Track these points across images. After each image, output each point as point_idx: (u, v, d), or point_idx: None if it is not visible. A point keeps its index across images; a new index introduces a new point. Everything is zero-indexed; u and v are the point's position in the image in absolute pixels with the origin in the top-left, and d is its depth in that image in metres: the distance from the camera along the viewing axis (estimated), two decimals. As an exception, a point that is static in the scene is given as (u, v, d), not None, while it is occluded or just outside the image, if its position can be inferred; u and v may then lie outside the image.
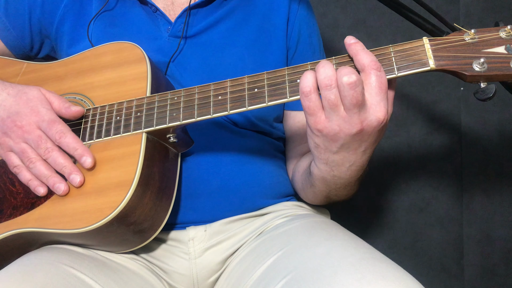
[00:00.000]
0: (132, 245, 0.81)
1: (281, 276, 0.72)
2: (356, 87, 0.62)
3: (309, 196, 0.91)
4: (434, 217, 1.51)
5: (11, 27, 0.99)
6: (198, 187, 0.87)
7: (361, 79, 0.64)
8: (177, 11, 0.95)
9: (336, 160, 0.72)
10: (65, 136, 0.77)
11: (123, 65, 0.84)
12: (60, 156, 0.77)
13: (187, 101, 0.77)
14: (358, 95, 0.63)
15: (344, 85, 0.63)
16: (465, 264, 1.52)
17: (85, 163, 0.76)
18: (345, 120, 0.65)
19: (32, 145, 0.78)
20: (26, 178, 0.78)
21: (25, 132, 0.78)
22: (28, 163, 0.77)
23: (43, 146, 0.77)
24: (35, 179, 0.77)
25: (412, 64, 0.68)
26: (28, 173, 0.78)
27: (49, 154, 0.77)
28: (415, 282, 0.64)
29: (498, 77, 0.66)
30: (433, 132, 1.49)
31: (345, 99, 0.64)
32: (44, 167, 0.77)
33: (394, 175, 1.50)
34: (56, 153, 0.77)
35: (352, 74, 0.63)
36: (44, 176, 0.77)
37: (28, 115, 0.79)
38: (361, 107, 0.64)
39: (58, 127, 0.78)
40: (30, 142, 0.78)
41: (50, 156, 0.77)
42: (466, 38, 0.68)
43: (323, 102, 0.65)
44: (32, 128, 0.78)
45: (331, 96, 0.64)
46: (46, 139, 0.78)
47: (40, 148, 0.77)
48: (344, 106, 0.64)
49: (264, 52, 0.95)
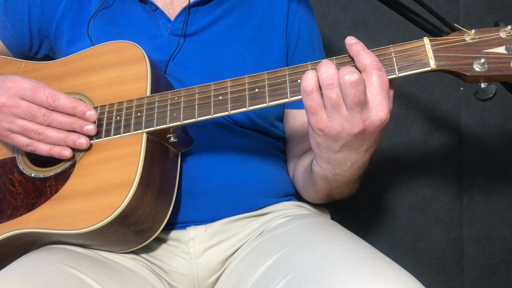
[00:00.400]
0: (132, 245, 0.81)
1: (282, 276, 0.72)
2: (358, 85, 0.63)
3: (311, 194, 0.91)
4: (434, 217, 1.51)
5: (10, 26, 0.99)
6: (198, 187, 0.87)
7: (363, 78, 0.64)
8: (176, 10, 0.95)
9: (338, 159, 0.72)
10: (58, 98, 0.76)
11: (123, 64, 0.84)
12: (62, 116, 0.76)
13: (188, 101, 0.77)
14: (360, 94, 0.63)
15: (346, 84, 0.63)
16: (465, 264, 1.52)
17: (90, 117, 0.77)
18: (347, 119, 0.65)
19: (27, 118, 0.76)
20: (45, 150, 0.77)
21: (11, 107, 0.76)
22: (37, 136, 0.76)
23: (39, 114, 0.75)
24: (55, 146, 0.77)
25: (413, 64, 0.68)
26: (44, 144, 0.77)
27: (50, 119, 0.76)
28: (415, 282, 0.64)
29: (498, 77, 0.66)
30: (433, 132, 1.49)
31: (347, 98, 0.64)
32: (54, 132, 0.76)
33: (394, 175, 1.50)
34: (56, 114, 0.76)
35: (354, 73, 0.63)
36: (61, 139, 0.76)
37: (4, 89, 0.76)
38: (363, 106, 0.64)
39: (46, 91, 0.76)
40: (23, 116, 0.76)
41: (52, 120, 0.76)
42: (467, 38, 0.68)
43: (325, 101, 0.65)
44: (15, 101, 0.76)
45: (333, 95, 0.64)
46: (38, 108, 0.76)
47: (37, 118, 0.75)
48: (346, 105, 0.64)
49: (264, 50, 0.95)
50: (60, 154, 0.77)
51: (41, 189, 0.78)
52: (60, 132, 0.77)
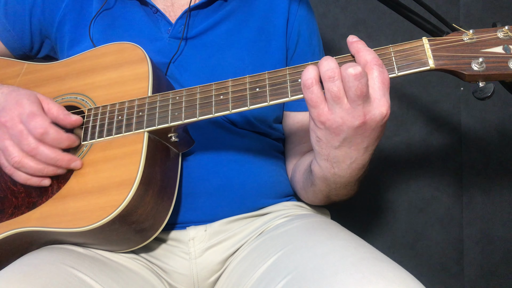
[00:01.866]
0: (133, 244, 0.81)
1: (282, 276, 0.72)
2: (361, 78, 0.63)
3: (309, 195, 0.91)
4: (434, 217, 1.51)
5: (11, 28, 0.99)
6: (199, 187, 0.87)
7: (365, 72, 0.65)
8: (177, 12, 0.95)
9: (337, 155, 0.72)
10: (47, 134, 0.75)
11: (124, 65, 0.84)
12: (48, 150, 0.75)
13: (189, 101, 0.77)
14: (363, 87, 0.63)
15: (349, 76, 0.63)
16: (465, 264, 1.52)
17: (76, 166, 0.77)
18: (348, 112, 0.65)
19: (14, 141, 0.75)
20: (22, 179, 0.76)
21: (9, 128, 0.75)
22: (14, 164, 0.75)
23: (25, 143, 0.74)
24: (32, 178, 0.76)
25: (412, 64, 0.69)
26: (21, 173, 0.76)
27: (35, 151, 0.74)
28: (415, 282, 0.64)
29: (496, 77, 0.67)
30: (433, 132, 1.49)
31: (349, 91, 0.64)
32: (32, 162, 0.75)
33: (394, 175, 1.50)
34: (42, 147, 0.75)
35: (357, 66, 0.63)
36: (39, 170, 0.75)
37: (11, 109, 0.76)
38: (365, 99, 0.64)
39: (38, 121, 0.75)
40: (13, 138, 0.75)
41: (37, 153, 0.75)
42: (465, 38, 0.69)
43: (326, 94, 0.66)
44: (14, 123, 0.75)
45: (334, 88, 0.65)
46: (27, 135, 0.75)
47: (23, 144, 0.74)
48: (349, 97, 0.65)
49: (264, 52, 0.95)
50: (40, 184, 0.76)
51: (42, 188, 0.78)
52: (40, 163, 0.75)
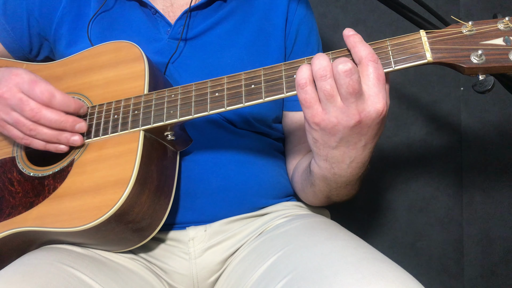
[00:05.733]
0: (131, 243, 0.81)
1: (282, 276, 0.71)
2: (352, 74, 0.62)
3: (309, 196, 0.90)
4: (434, 217, 1.51)
5: (10, 29, 0.99)
6: (198, 187, 0.87)
7: (356, 68, 0.64)
8: (176, 13, 0.95)
9: (336, 156, 0.71)
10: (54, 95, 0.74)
11: (121, 64, 0.84)
12: (51, 113, 0.74)
13: (184, 98, 0.77)
14: (355, 83, 0.62)
15: (339, 73, 0.62)
16: (465, 264, 1.52)
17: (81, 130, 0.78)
18: (342, 111, 0.65)
19: (18, 111, 0.75)
20: (40, 146, 0.77)
21: (7, 98, 0.75)
22: (29, 132, 0.75)
23: (27, 109, 0.74)
24: (49, 144, 0.77)
25: (409, 57, 0.67)
26: (38, 140, 0.77)
27: (38, 116, 0.74)
28: (415, 282, 0.64)
29: (496, 69, 0.65)
30: (433, 132, 1.49)
31: (341, 88, 0.63)
32: (46, 129, 0.75)
33: (394, 175, 1.50)
34: (45, 111, 0.74)
35: (347, 62, 0.62)
36: (54, 136, 0.76)
37: (7, 80, 0.76)
38: (358, 96, 0.64)
39: (42, 86, 0.74)
40: (16, 108, 0.75)
41: (41, 118, 0.74)
42: (464, 31, 0.67)
43: (319, 93, 0.65)
44: (13, 93, 0.74)
45: (326, 87, 0.64)
46: (27, 100, 0.74)
47: (25, 111, 0.74)
48: (341, 95, 0.64)
49: (263, 52, 0.95)
50: (57, 149, 0.78)
51: (39, 188, 0.78)
52: (53, 130, 0.76)
